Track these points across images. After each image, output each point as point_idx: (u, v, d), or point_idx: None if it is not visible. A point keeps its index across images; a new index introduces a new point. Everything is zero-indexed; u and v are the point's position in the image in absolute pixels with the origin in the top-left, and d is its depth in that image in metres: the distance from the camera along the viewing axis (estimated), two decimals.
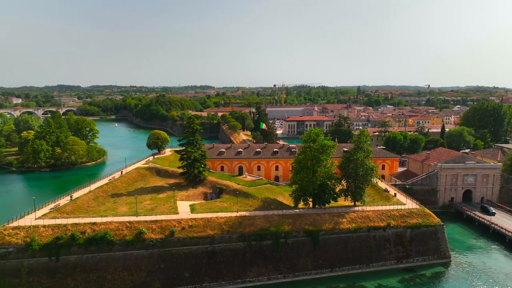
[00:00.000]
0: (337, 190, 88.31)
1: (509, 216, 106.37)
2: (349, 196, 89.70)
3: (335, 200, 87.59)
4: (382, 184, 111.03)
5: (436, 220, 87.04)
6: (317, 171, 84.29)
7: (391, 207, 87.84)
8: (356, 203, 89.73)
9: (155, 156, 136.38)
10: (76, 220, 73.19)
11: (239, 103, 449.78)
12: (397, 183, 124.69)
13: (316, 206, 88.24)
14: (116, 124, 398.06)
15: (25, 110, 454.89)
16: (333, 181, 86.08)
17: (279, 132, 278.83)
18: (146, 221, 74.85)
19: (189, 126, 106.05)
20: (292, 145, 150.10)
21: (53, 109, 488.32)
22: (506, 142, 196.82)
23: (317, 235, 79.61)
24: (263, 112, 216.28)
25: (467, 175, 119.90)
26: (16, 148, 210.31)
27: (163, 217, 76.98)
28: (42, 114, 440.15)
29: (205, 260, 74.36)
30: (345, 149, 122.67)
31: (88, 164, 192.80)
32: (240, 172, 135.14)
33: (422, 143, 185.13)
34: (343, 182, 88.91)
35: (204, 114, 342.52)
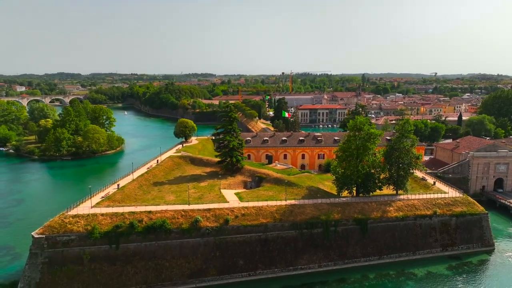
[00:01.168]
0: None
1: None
2: (391, 185, 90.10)
3: (380, 188, 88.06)
4: (417, 173, 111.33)
5: (480, 208, 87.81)
6: (363, 160, 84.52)
7: (436, 196, 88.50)
8: (399, 191, 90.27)
9: (184, 145, 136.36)
10: (132, 209, 73.72)
11: (247, 91, 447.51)
12: (427, 171, 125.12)
13: (360, 194, 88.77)
14: (126, 113, 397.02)
15: (32, 98, 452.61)
16: (379, 170, 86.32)
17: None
18: (199, 210, 75.38)
19: (227, 115, 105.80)
20: (318, 134, 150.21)
21: (60, 97, 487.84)
22: None
23: (366, 223, 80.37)
24: (283, 100, 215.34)
25: (499, 163, 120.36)
26: (34, 137, 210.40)
27: (215, 205, 77.51)
28: (50, 102, 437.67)
29: (259, 248, 75.21)
30: (388, 138, 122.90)
31: (108, 152, 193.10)
32: (269, 161, 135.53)
33: (442, 131, 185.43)
34: (386, 171, 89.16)
35: (216, 102, 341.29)
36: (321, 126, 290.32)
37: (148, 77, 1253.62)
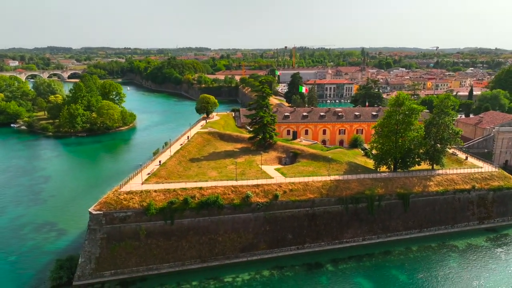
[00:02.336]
0: None
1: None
2: (428, 160, 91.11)
3: (419, 164, 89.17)
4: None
5: None
6: (405, 135, 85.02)
7: (473, 170, 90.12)
8: (435, 166, 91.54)
9: (207, 121, 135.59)
10: (182, 185, 74.10)
11: (250, 66, 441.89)
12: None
13: (398, 170, 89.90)
14: (128, 88, 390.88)
15: (29, 73, 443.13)
16: (419, 145, 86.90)
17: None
18: (248, 186, 76.02)
19: (260, 90, 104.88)
20: (338, 109, 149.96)
21: (58, 72, 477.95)
22: None
23: (408, 198, 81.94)
24: (297, 75, 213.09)
25: None
26: (43, 113, 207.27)
27: (263, 181, 78.14)
28: (48, 77, 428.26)
29: (306, 223, 76.62)
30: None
31: (122, 128, 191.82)
32: (294, 136, 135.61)
33: (456, 106, 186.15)
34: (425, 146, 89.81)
35: (221, 77, 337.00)
36: (328, 101, 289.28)
37: (142, 52, 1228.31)
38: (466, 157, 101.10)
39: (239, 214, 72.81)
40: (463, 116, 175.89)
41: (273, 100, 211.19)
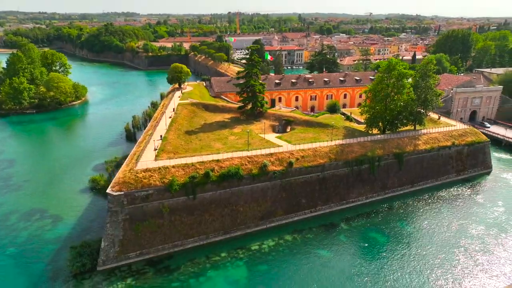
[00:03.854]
0: None
1: (502, 128, 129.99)
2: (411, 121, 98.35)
3: (406, 125, 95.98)
4: None
5: (483, 137, 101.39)
6: (397, 98, 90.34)
7: (450, 129, 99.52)
8: (417, 127, 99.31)
9: (183, 92, 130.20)
10: (198, 159, 71.96)
11: (194, 33, 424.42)
12: None
13: (387, 131, 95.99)
14: None
15: None
16: (410, 108, 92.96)
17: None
18: (262, 155, 76.22)
19: (250, 58, 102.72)
20: (308, 75, 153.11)
21: None
22: (472, 68, 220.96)
23: (402, 157, 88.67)
24: (260, 42, 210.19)
25: (475, 97, 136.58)
26: None
27: (275, 150, 78.78)
28: None
29: (317, 187, 79.75)
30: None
31: (75, 103, 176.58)
32: (273, 104, 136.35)
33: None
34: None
35: (167, 45, 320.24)
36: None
37: (61, 17, 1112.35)
38: (439, 117, 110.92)
39: (257, 184, 73.29)
40: None
41: (234, 68, 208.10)
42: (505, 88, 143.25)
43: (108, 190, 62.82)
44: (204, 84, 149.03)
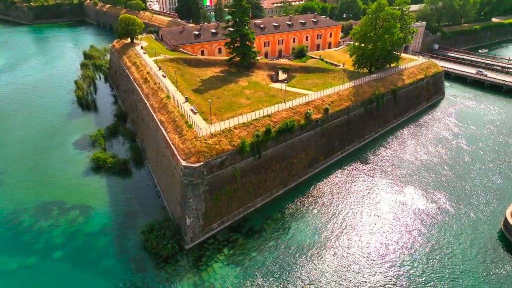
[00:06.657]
0: None
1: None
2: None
3: (390, 63, 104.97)
4: None
5: (440, 68, 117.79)
6: (388, 38, 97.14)
7: (419, 63, 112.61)
8: (392, 64, 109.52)
9: (143, 46, 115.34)
10: (253, 116, 68.40)
11: None
12: None
13: (373, 69, 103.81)
14: None
15: None
16: (397, 46, 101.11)
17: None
18: (302, 105, 76.17)
19: (238, 4, 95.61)
20: (258, 21, 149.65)
21: None
22: None
23: (396, 92, 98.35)
24: None
25: None
26: None
27: (307, 98, 79.08)
28: None
29: (345, 129, 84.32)
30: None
31: None
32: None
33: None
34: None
35: None
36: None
37: None
38: (400, 53, 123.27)
39: (304, 134, 74.02)
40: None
41: (164, 18, 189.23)
42: None
43: (185, 163, 56.43)
44: (154, 38, 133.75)
